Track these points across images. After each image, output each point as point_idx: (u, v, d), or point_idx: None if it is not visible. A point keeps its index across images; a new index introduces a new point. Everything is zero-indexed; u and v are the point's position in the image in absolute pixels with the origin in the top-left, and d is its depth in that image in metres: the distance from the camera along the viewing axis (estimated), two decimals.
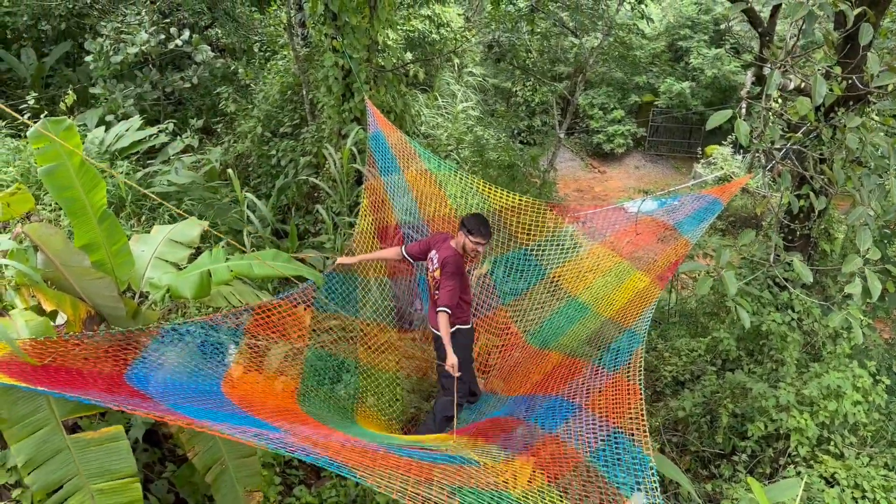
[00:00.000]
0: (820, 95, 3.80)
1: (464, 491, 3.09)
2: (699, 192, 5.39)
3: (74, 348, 3.49)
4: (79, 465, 3.18)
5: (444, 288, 4.81)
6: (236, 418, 3.75)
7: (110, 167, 8.34)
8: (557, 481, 3.61)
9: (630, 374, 4.12)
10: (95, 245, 4.12)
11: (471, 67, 18.44)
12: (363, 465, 3.00)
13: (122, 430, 3.32)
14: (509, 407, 5.21)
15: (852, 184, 4.56)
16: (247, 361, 4.56)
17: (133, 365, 3.78)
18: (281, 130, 9.85)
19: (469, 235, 4.86)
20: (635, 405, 3.74)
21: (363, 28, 7.55)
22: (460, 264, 4.93)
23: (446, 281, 4.82)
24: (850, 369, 5.52)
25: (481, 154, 12.08)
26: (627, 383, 4.07)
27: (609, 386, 4.26)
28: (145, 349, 3.91)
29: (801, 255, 5.23)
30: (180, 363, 4.11)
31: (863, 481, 5.01)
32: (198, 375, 4.13)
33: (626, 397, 3.94)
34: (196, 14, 12.64)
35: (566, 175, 18.97)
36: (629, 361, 4.31)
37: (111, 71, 10.78)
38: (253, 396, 4.31)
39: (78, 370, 3.50)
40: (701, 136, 20.06)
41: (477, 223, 4.87)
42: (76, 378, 3.41)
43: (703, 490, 5.19)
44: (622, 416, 3.81)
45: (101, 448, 3.24)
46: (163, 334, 4.09)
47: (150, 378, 3.79)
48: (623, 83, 20.63)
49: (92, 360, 3.60)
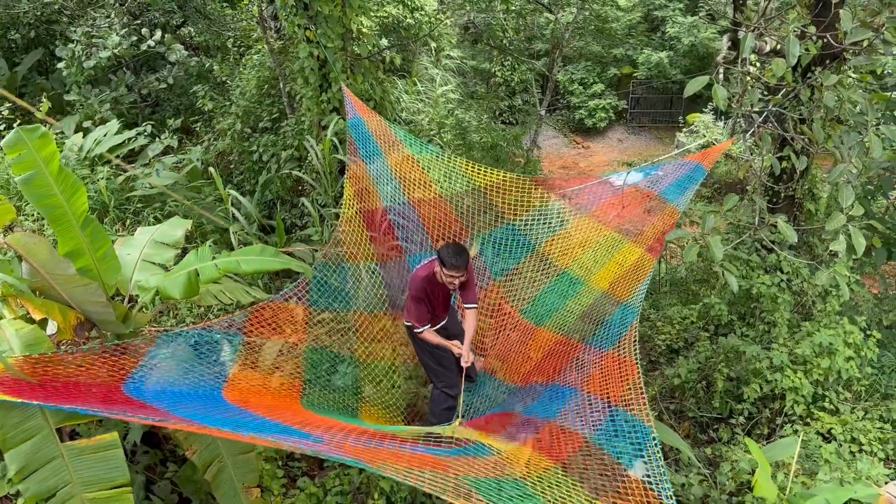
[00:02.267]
0: (794, 56, 3.81)
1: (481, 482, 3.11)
2: (682, 160, 5.40)
3: (70, 363, 3.48)
4: (72, 473, 3.15)
5: (412, 310, 4.98)
6: (243, 421, 3.75)
7: (91, 173, 8.28)
8: (559, 462, 3.64)
9: (625, 349, 4.15)
10: (80, 251, 4.09)
11: (448, 50, 18.31)
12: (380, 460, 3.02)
13: (117, 437, 3.30)
14: (510, 397, 5.24)
15: (833, 142, 4.58)
16: (246, 360, 4.56)
17: (132, 376, 3.76)
18: (260, 125, 9.77)
19: (442, 267, 4.73)
20: (632, 379, 3.77)
21: (336, 17, 7.48)
22: (421, 287, 4.93)
23: (413, 305, 4.97)
24: (841, 326, 5.58)
25: (464, 137, 12.05)
26: (623, 359, 4.10)
27: (604, 364, 4.29)
28: (143, 360, 3.90)
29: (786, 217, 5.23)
30: (180, 372, 4.10)
31: (859, 435, 5.08)
32: (198, 385, 4.12)
33: (622, 373, 3.97)
34: (167, 13, 12.48)
35: (550, 153, 18.96)
36: (624, 336, 4.34)
37: (85, 76, 10.67)
38: (257, 401, 4.31)
39: (74, 383, 3.48)
40: (682, 105, 20.06)
41: (449, 254, 4.70)
42: (72, 390, 3.39)
43: (703, 454, 5.25)
44: (620, 391, 3.83)
45: (96, 456, 3.22)
46: (160, 342, 4.08)
47: (149, 389, 3.77)
48: (601, 57, 20.59)
49: (89, 372, 3.59)
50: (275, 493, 4.50)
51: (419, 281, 4.91)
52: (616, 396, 3.83)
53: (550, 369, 5.01)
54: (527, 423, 4.50)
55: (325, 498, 4.60)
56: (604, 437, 3.66)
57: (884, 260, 6.68)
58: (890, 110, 6.86)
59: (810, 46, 4.52)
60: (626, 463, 3.31)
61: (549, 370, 5.02)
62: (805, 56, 4.51)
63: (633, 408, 3.57)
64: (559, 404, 4.38)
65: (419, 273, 4.96)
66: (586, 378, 4.37)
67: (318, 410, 4.75)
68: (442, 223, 5.87)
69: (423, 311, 4.97)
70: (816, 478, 4.48)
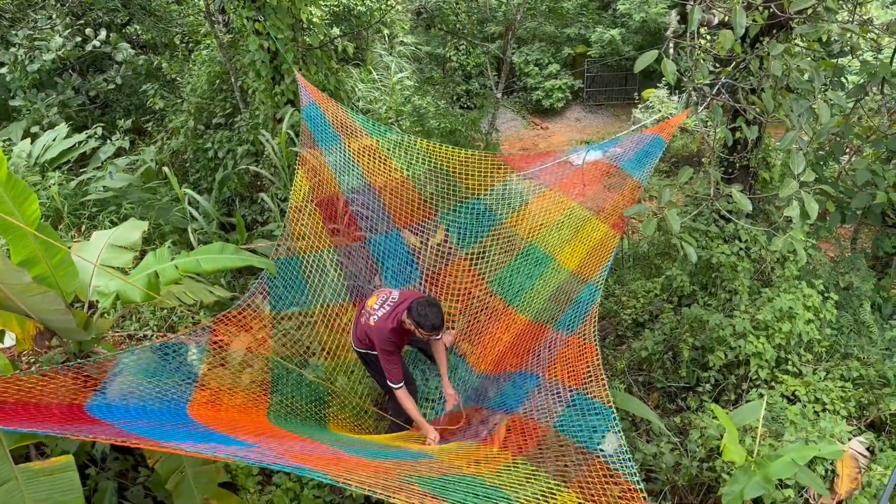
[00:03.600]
0: (741, 27, 3.87)
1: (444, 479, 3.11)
2: (640, 133, 5.46)
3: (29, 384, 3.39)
4: (25, 496, 3.10)
5: (386, 365, 4.63)
6: (204, 436, 3.70)
7: (42, 179, 8.07)
8: (525, 454, 3.66)
9: (585, 332, 4.18)
10: (34, 259, 4.00)
11: (401, 37, 18.21)
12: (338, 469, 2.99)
13: (71, 460, 3.25)
14: (479, 388, 5.25)
15: (783, 111, 4.67)
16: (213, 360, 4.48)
17: (94, 396, 3.68)
18: (214, 122, 9.61)
19: (419, 328, 4.53)
20: (592, 362, 3.80)
21: (285, 7, 7.38)
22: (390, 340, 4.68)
23: (385, 359, 4.63)
24: (800, 290, 5.71)
25: (422, 123, 12.00)
26: (583, 343, 4.13)
27: (566, 349, 4.31)
28: (106, 378, 3.81)
29: (741, 186, 5.31)
30: (144, 389, 4.01)
31: (822, 395, 5.22)
32: (163, 401, 4.04)
33: (583, 356, 4.00)
34: (111, 12, 12.18)
35: (510, 135, 18.99)
36: (585, 319, 4.38)
37: (30, 80, 10.37)
38: (221, 416, 4.25)
39: (35, 404, 3.40)
40: (636, 81, 20.22)
41: (427, 316, 4.47)
42: (32, 412, 3.31)
43: (673, 423, 5.34)
44: (581, 375, 3.85)
45: (50, 479, 3.18)
46: (122, 360, 3.99)
47: (112, 408, 3.69)
48: (554, 37, 20.63)
49: (50, 393, 3.50)
50: (251, 490, 4.46)
51: (387, 334, 4.60)
52: (577, 380, 3.87)
53: (519, 355, 5.03)
54: (494, 415, 4.52)
55: (302, 492, 4.58)
56: (566, 423, 3.69)
57: (838, 223, 6.84)
58: (837, 76, 7.01)
59: (757, 17, 4.59)
60: (591, 447, 3.33)
61: (518, 355, 5.04)
62: (753, 27, 4.58)
63: (593, 391, 3.61)
64: (524, 394, 4.40)
65: (383, 326, 4.63)
66: (550, 364, 4.39)
67: (286, 424, 4.66)
68: (407, 206, 5.84)
69: (398, 365, 4.67)
70: (783, 439, 4.59)
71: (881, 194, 5.98)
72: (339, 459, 3.47)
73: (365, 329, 4.81)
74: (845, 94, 6.67)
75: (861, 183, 6.18)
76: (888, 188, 6.08)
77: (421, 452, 4.02)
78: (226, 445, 3.33)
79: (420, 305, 4.51)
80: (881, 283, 6.74)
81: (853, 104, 6.75)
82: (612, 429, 3.23)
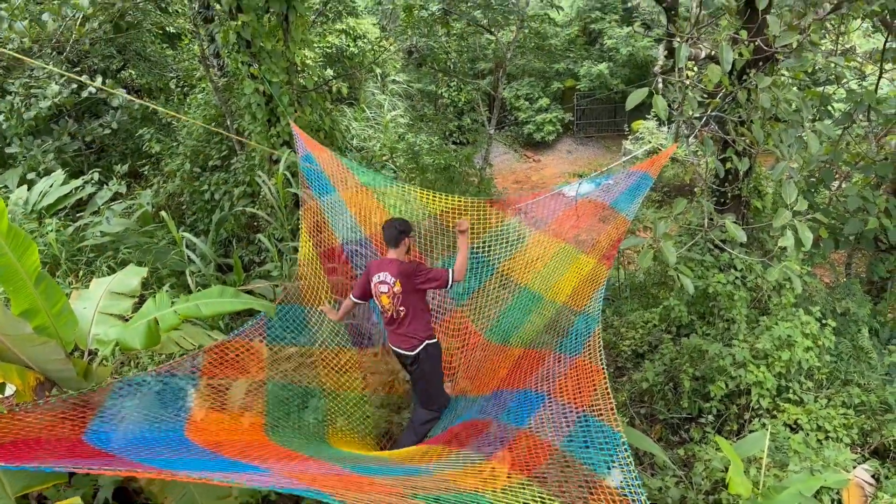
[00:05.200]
0: (728, 63, 3.96)
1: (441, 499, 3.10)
2: (630, 169, 5.52)
3: (28, 419, 3.38)
4: None
5: (430, 274, 4.88)
6: (206, 462, 3.69)
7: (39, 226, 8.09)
8: (534, 474, 3.64)
9: (591, 355, 4.19)
10: (35, 310, 3.99)
11: (393, 75, 18.48)
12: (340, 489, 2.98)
13: (79, 502, 3.21)
14: (480, 406, 5.24)
15: (773, 141, 4.75)
16: (208, 402, 4.48)
17: (91, 425, 3.68)
18: (210, 164, 9.69)
19: (409, 236, 4.97)
20: (600, 385, 3.81)
21: (279, 51, 7.49)
22: (414, 262, 5.03)
23: (423, 272, 4.88)
24: (798, 318, 5.73)
25: (416, 160, 12.13)
26: (589, 364, 4.14)
27: (572, 371, 4.32)
28: (101, 407, 3.81)
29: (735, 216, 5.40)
30: (139, 415, 4.01)
31: (824, 423, 5.21)
32: (159, 424, 4.04)
33: (590, 379, 4.01)
34: (106, 59, 12.34)
35: (503, 169, 19.18)
36: (588, 343, 4.38)
37: (26, 127, 10.44)
38: (220, 437, 4.24)
39: (34, 439, 3.39)
40: (626, 112, 20.49)
41: (394, 226, 4.94)
42: (33, 447, 3.30)
43: (677, 456, 5.32)
44: (588, 397, 3.87)
45: None
46: (117, 389, 3.99)
47: (110, 436, 3.69)
48: (544, 72, 20.97)
49: (48, 427, 3.49)
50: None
51: (412, 268, 4.91)
52: (585, 403, 3.87)
53: (520, 377, 5.03)
54: (499, 428, 4.50)
55: None
56: (574, 445, 3.68)
57: (832, 249, 6.90)
58: (824, 105, 7.13)
59: (743, 51, 4.69)
60: (599, 471, 3.33)
61: (520, 378, 5.04)
62: (739, 60, 4.68)
63: (601, 414, 3.61)
64: (530, 411, 4.39)
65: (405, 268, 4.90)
66: (556, 385, 4.39)
67: (285, 440, 4.66)
68: None
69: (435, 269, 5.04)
70: (787, 469, 4.57)
71: (873, 220, 6.05)
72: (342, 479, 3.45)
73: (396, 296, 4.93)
74: (833, 122, 6.78)
75: (853, 209, 6.26)
76: (879, 214, 6.15)
77: (420, 468, 3.99)
78: (239, 472, 3.32)
79: (391, 221, 4.98)
80: (878, 308, 6.77)
81: (841, 131, 6.86)
82: (619, 452, 3.22)
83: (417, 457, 4.39)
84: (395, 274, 4.85)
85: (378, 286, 4.93)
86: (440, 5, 13.10)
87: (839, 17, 6.55)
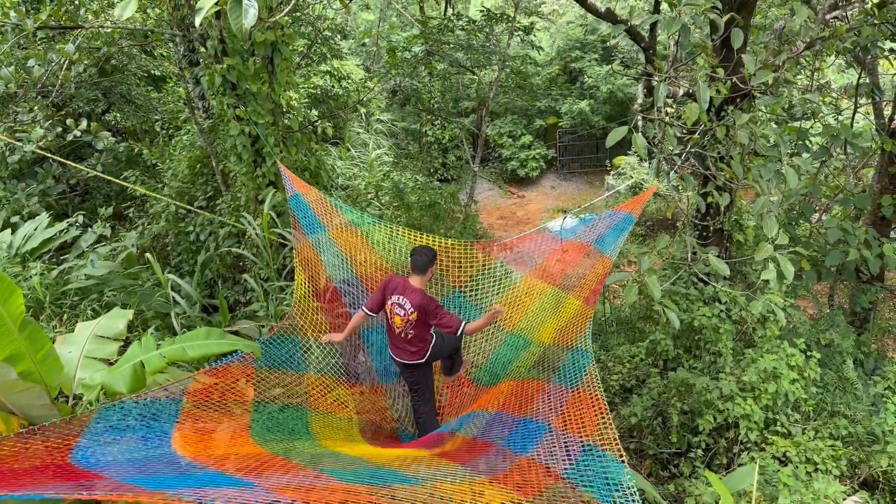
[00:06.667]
0: (705, 100, 4.05)
1: None
2: (612, 210, 5.59)
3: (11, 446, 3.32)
4: None
5: (444, 318, 4.96)
6: (196, 477, 3.63)
7: (23, 270, 8.02)
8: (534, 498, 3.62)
9: (589, 387, 4.21)
10: (20, 356, 3.95)
11: (378, 115, 18.66)
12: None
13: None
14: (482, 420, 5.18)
15: (752, 175, 4.84)
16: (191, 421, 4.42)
17: (76, 446, 3.62)
18: (196, 205, 9.70)
19: (433, 266, 5.12)
20: (601, 416, 3.82)
21: (264, 93, 7.57)
22: (434, 300, 5.13)
23: (440, 314, 4.97)
24: (783, 350, 5.76)
25: (401, 198, 12.20)
26: (589, 396, 4.15)
27: (572, 402, 4.32)
28: (86, 429, 3.75)
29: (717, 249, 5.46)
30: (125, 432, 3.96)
31: (813, 455, 5.21)
32: (145, 441, 3.98)
33: (590, 410, 4.01)
34: (91, 102, 12.39)
35: (488, 205, 19.31)
36: (584, 376, 4.40)
37: (10, 171, 10.43)
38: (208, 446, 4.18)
39: (20, 469, 3.33)
40: (607, 148, 20.78)
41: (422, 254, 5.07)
42: (20, 476, 3.24)
43: (667, 491, 5.29)
44: (590, 428, 3.87)
45: None
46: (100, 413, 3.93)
47: (96, 454, 3.63)
48: (526, 110, 21.28)
49: (33, 456, 3.43)
50: None
51: (426, 300, 5.01)
52: (587, 434, 3.86)
53: (520, 404, 5.01)
54: (499, 454, 4.47)
55: None
56: (577, 474, 3.67)
57: (814, 281, 6.98)
58: (801, 140, 7.29)
59: (720, 88, 4.81)
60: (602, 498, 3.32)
61: (520, 404, 5.02)
62: (717, 97, 4.80)
63: (604, 444, 3.61)
64: (533, 439, 4.37)
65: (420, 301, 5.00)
66: (557, 414, 4.39)
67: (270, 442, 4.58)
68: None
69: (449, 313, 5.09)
70: (778, 502, 4.56)
71: (853, 251, 6.14)
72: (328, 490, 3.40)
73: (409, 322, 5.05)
74: (810, 156, 6.92)
75: (833, 241, 6.35)
76: (860, 245, 6.25)
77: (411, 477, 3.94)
78: (222, 487, 3.26)
79: (420, 256, 5.05)
80: (861, 339, 6.84)
81: (819, 165, 7.00)
82: (623, 483, 3.21)
83: (409, 460, 4.36)
84: (415, 305, 4.99)
85: (394, 307, 5.08)
86: (423, 47, 13.32)
87: (813, 54, 6.73)
